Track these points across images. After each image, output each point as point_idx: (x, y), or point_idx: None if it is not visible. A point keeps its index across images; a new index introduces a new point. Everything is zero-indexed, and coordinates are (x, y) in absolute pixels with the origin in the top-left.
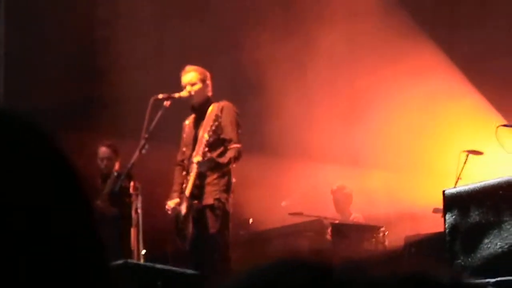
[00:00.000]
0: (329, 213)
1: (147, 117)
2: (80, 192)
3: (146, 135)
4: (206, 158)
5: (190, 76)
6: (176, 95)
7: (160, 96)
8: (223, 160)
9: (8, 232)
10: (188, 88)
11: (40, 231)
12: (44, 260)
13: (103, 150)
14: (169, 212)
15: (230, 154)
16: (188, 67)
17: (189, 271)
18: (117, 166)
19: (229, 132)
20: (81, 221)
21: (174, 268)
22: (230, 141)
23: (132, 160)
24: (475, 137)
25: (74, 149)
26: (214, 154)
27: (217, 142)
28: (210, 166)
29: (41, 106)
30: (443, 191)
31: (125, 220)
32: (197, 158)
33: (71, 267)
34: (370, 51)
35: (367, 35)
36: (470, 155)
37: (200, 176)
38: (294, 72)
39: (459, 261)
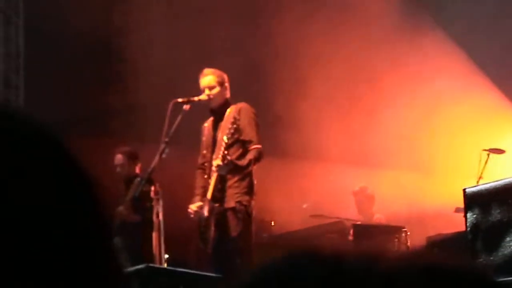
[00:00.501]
0: (351, 214)
1: (167, 121)
2: (89, 193)
3: (167, 139)
4: (225, 162)
5: (208, 79)
6: (196, 98)
7: (180, 100)
8: (243, 162)
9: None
10: (207, 91)
11: (46, 233)
12: (49, 261)
13: (117, 158)
14: (192, 215)
15: (250, 155)
16: (206, 70)
17: (211, 275)
18: (137, 170)
19: (248, 133)
20: (90, 224)
21: (195, 272)
22: (250, 142)
23: (153, 165)
24: (496, 136)
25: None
26: (234, 156)
27: (237, 144)
28: (229, 169)
29: (61, 114)
30: (464, 190)
31: (147, 225)
32: (216, 161)
33: (78, 269)
34: (388, 50)
35: (385, 35)
36: (492, 154)
37: (222, 179)
38: (312, 75)
39: (481, 259)
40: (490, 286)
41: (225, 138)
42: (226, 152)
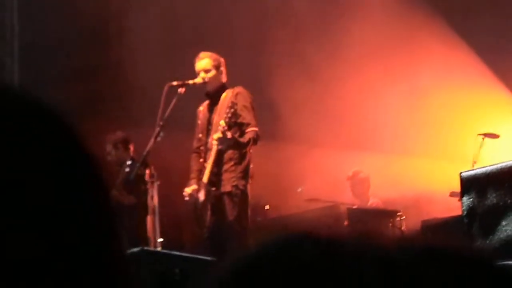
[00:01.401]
0: (347, 199)
1: (161, 104)
2: (94, 176)
3: (161, 123)
4: (225, 135)
5: (204, 63)
6: (191, 82)
7: (175, 83)
8: (243, 139)
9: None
10: (202, 74)
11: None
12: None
13: (107, 147)
14: (187, 198)
15: (248, 135)
16: (202, 54)
17: (207, 258)
18: (129, 153)
19: (245, 116)
20: (95, 208)
21: (191, 255)
22: (248, 124)
23: (148, 148)
24: (491, 120)
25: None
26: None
27: (234, 127)
28: (229, 144)
29: (55, 97)
30: (460, 174)
31: (141, 208)
32: (217, 134)
33: (84, 255)
34: (382, 37)
35: (380, 21)
36: (486, 138)
37: (218, 163)
38: (307, 60)
39: (477, 243)
40: (489, 267)
41: (222, 122)
42: (226, 128)
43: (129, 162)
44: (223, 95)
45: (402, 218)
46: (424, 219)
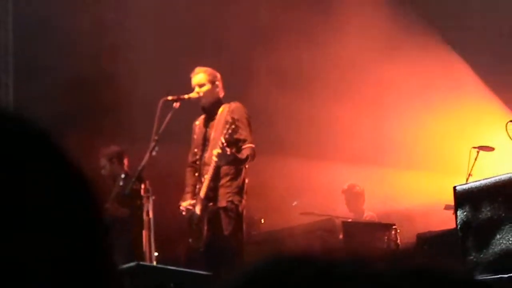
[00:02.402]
0: (342, 212)
1: (156, 119)
2: (83, 192)
3: (156, 137)
4: (225, 151)
5: (199, 78)
6: (186, 96)
7: (170, 97)
8: (241, 156)
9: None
10: (197, 89)
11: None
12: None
13: (101, 161)
14: (184, 213)
15: (246, 152)
16: (198, 69)
17: (202, 272)
18: (123, 167)
19: (242, 132)
20: (85, 223)
21: (186, 270)
22: (244, 141)
23: (143, 162)
24: (486, 133)
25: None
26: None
27: (232, 142)
28: (228, 160)
29: (50, 112)
30: (454, 187)
31: (137, 223)
32: (216, 150)
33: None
34: (381, 52)
35: (379, 38)
36: (481, 151)
37: (215, 178)
38: (304, 73)
39: (472, 257)
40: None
41: (222, 139)
42: (225, 144)
43: (123, 176)
44: (220, 110)
45: (397, 231)
46: (419, 232)
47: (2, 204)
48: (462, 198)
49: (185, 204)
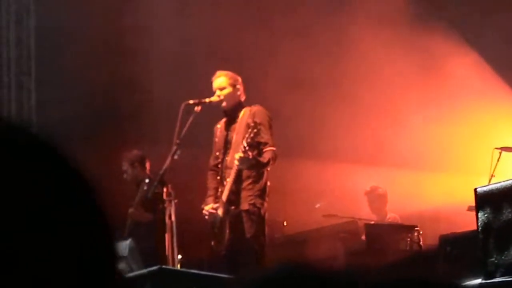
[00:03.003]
0: (365, 214)
1: (178, 122)
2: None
3: (178, 141)
4: (247, 155)
5: (220, 81)
6: (207, 100)
7: (191, 101)
8: (263, 159)
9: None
10: (218, 92)
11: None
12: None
13: (123, 164)
14: (207, 217)
15: (267, 155)
16: (219, 72)
17: (224, 276)
18: (145, 171)
19: (263, 135)
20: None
21: (208, 273)
22: (265, 144)
23: (165, 166)
24: (508, 134)
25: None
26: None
27: (253, 145)
28: (250, 164)
29: (72, 115)
30: (475, 189)
31: (159, 226)
32: (238, 154)
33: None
34: (401, 52)
35: (398, 37)
36: (504, 152)
37: (237, 181)
38: (325, 76)
39: (492, 259)
40: None
41: (244, 142)
42: (247, 148)
43: (147, 181)
44: (241, 113)
45: (420, 233)
46: (442, 234)
47: (3, 205)
48: (483, 200)
49: (207, 208)
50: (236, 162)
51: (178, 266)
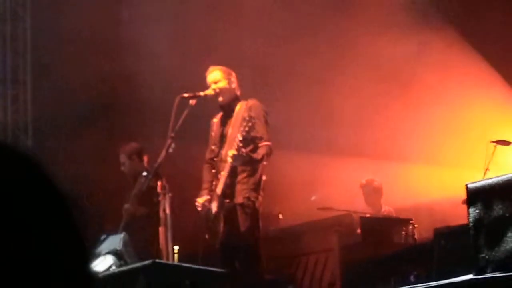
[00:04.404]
0: (360, 207)
1: (173, 116)
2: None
3: (173, 134)
4: (240, 152)
5: (215, 75)
6: (202, 93)
7: (186, 95)
8: (257, 156)
9: None
10: (213, 86)
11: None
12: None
13: (120, 157)
14: (199, 209)
15: (262, 151)
16: (212, 67)
17: (217, 270)
18: (143, 164)
19: (259, 129)
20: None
21: (202, 267)
22: (261, 138)
23: (159, 160)
24: (503, 128)
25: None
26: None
27: (248, 140)
28: (244, 161)
29: (68, 109)
30: (466, 185)
31: (154, 220)
32: (231, 151)
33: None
34: (399, 48)
35: (397, 34)
36: (499, 146)
37: (232, 174)
38: (322, 69)
39: (483, 255)
40: None
41: (239, 136)
42: (241, 145)
43: (145, 174)
44: (237, 107)
45: (414, 226)
46: (437, 227)
47: None
48: (474, 196)
49: (200, 200)
50: (229, 159)
51: (176, 257)
